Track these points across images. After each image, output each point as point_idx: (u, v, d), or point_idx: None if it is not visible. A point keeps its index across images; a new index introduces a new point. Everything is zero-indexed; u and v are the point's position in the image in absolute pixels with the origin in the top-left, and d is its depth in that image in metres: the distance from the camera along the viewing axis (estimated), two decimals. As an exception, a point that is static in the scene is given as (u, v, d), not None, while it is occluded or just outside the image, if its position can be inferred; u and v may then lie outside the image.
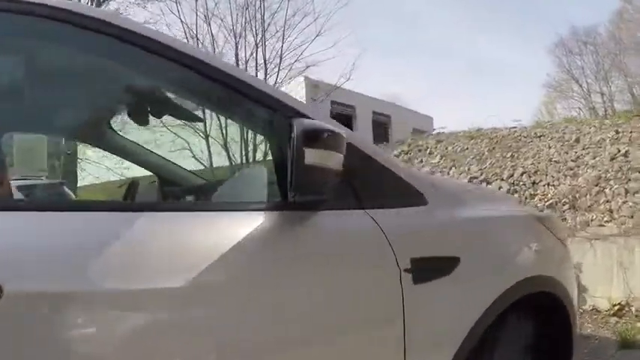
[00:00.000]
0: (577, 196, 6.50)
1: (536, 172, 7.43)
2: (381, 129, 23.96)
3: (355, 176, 1.42)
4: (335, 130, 1.20)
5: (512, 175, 7.50)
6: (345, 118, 22.43)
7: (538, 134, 8.92)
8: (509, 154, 8.23)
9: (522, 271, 1.72)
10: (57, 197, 3.58)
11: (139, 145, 2.69)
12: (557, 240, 2.01)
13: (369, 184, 1.45)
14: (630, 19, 27.13)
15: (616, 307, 4.56)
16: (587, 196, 6.46)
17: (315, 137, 1.15)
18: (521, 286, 1.67)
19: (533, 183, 7.21)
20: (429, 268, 1.44)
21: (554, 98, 29.02)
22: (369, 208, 1.40)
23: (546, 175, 7.29)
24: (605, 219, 5.89)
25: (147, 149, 2.74)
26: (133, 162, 2.70)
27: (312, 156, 1.14)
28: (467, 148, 9.01)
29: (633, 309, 4.53)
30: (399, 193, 1.52)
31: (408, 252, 1.40)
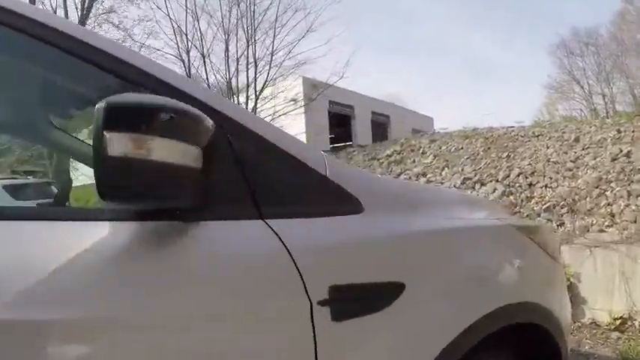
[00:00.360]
0: (576, 198, 6.08)
1: (533, 173, 7.02)
2: (381, 129, 23.69)
3: (253, 173, 1.02)
4: (181, 108, 0.81)
5: (507, 176, 7.09)
6: (344, 117, 22.17)
7: (536, 133, 8.53)
8: (505, 154, 7.82)
9: (496, 297, 1.31)
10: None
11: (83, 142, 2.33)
12: (547, 255, 1.60)
13: (273, 185, 1.04)
14: (632, 20, 26.81)
15: (618, 322, 4.14)
16: (587, 199, 6.04)
17: (131, 118, 0.77)
18: (495, 318, 1.27)
19: (530, 185, 6.80)
20: (358, 299, 1.04)
21: (555, 99, 28.70)
22: (270, 217, 1.00)
23: (544, 176, 6.88)
24: (606, 223, 5.48)
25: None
26: (80, 161, 2.34)
27: (122, 144, 0.74)
28: (461, 148, 8.60)
29: (637, 323, 4.11)
30: (321, 196, 1.11)
31: (326, 277, 1.00)
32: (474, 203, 1.66)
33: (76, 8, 13.80)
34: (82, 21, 13.23)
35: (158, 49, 12.83)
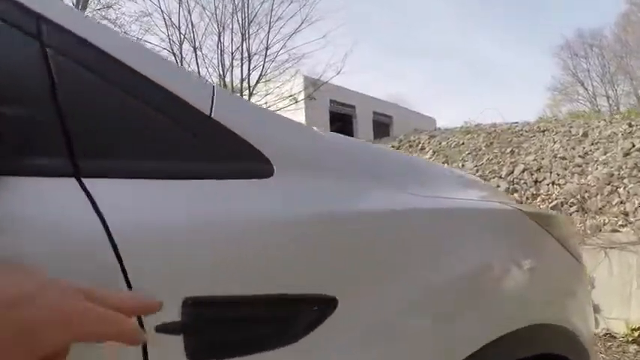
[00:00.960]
0: (586, 196, 5.61)
1: (539, 169, 6.54)
2: (383, 129, 23.35)
3: (72, 104, 0.59)
4: None
5: (511, 172, 6.61)
6: (345, 117, 21.83)
7: (541, 128, 8.06)
8: (508, 150, 7.35)
9: (497, 321, 0.84)
10: None
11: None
12: (569, 254, 1.13)
13: (107, 124, 0.61)
14: (637, 21, 26.45)
15: (636, 333, 3.66)
16: (598, 197, 5.57)
17: None
18: (493, 355, 0.79)
19: (536, 181, 6.32)
20: (244, 324, 0.58)
21: (559, 101, 28.28)
22: (91, 175, 0.55)
23: (551, 172, 6.40)
24: (620, 223, 5.01)
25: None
26: None
27: None
28: (462, 143, 8.13)
29: (658, 335, 3.63)
30: (196, 147, 0.66)
31: (179, 283, 0.54)
32: (467, 182, 1.19)
33: (72, 3, 13.37)
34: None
35: (156, 45, 12.34)
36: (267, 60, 12.74)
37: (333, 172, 0.75)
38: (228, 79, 12.76)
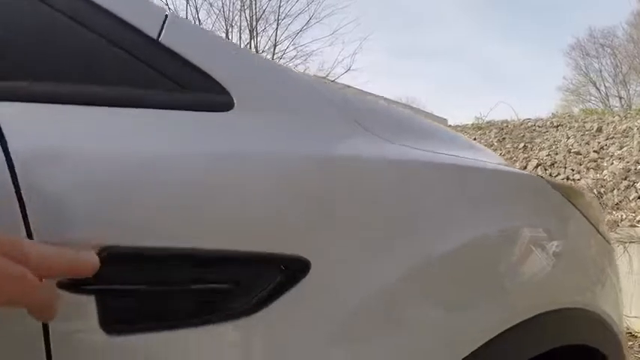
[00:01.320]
0: (602, 191, 5.42)
1: (552, 164, 6.36)
2: (392, 130, 23.34)
3: None
4: None
5: (524, 168, 6.42)
6: (353, 117, 21.84)
7: (555, 124, 7.85)
8: (521, 145, 7.16)
9: (516, 303, 0.69)
10: None
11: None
12: (597, 233, 0.97)
13: (26, 46, 0.50)
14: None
15: (658, 332, 3.47)
16: (615, 192, 5.38)
17: None
18: (509, 347, 0.64)
19: (550, 177, 6.13)
20: (179, 289, 0.44)
21: (570, 102, 27.86)
22: (1, 98, 0.44)
23: (565, 167, 6.22)
24: (638, 218, 4.82)
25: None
26: None
27: None
28: (474, 139, 7.92)
29: (681, 334, 3.44)
30: (136, 72, 0.53)
31: (92, 231, 0.41)
32: (480, 148, 1.03)
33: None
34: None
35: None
36: (275, 57, 12.65)
37: (308, 114, 0.60)
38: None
